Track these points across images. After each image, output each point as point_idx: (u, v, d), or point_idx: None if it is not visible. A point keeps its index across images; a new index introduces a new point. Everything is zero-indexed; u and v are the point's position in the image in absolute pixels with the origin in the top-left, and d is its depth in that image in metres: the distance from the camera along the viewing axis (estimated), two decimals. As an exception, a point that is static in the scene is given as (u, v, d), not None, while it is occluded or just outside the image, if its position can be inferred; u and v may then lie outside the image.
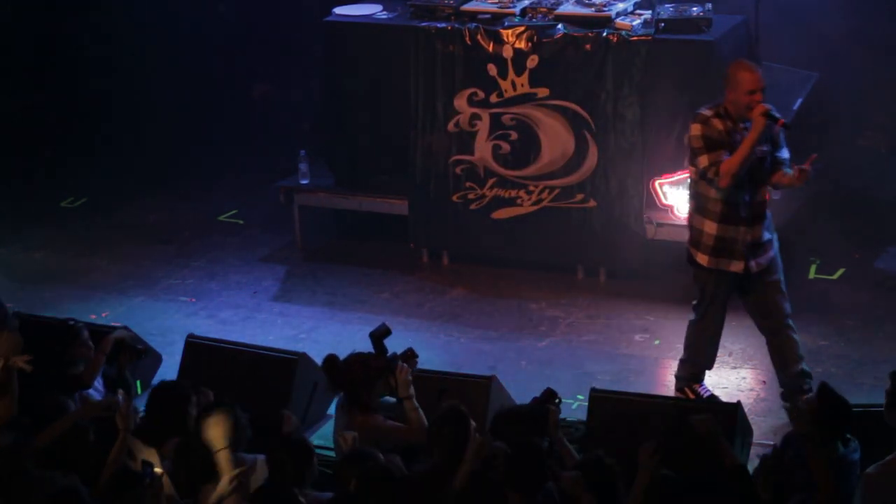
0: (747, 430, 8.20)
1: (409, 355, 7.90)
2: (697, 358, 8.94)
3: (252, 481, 6.98)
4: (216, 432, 6.94)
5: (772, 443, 8.14)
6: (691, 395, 8.82)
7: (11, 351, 7.68)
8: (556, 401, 7.60)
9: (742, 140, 8.37)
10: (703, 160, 8.44)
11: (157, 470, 6.80)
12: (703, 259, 8.65)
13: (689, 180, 8.77)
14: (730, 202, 8.52)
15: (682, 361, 9.01)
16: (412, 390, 7.75)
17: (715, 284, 8.72)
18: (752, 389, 9.26)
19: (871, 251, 10.85)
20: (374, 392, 7.73)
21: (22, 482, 6.73)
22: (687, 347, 8.97)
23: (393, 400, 7.82)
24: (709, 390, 8.95)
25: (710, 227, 8.58)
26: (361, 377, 7.71)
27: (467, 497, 6.65)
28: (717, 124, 8.46)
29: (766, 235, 8.66)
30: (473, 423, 7.07)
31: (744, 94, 8.39)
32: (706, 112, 8.52)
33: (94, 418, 7.44)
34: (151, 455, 7.08)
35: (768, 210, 8.68)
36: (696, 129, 8.49)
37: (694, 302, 8.87)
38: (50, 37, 13.69)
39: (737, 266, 8.60)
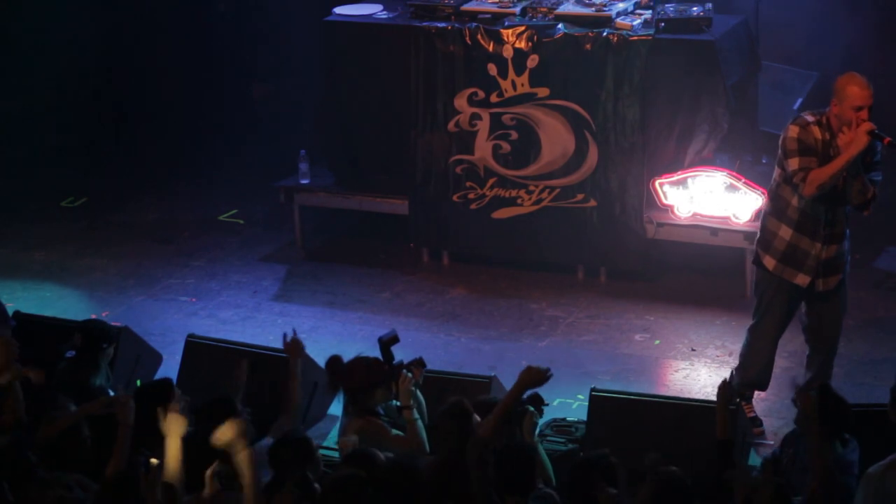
0: (748, 430, 8.20)
1: (416, 364, 7.87)
2: (747, 367, 8.74)
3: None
4: (232, 435, 6.87)
5: (772, 443, 8.16)
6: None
7: (8, 356, 7.71)
8: (543, 405, 7.56)
9: (836, 155, 8.13)
10: (794, 163, 8.15)
11: (153, 461, 6.79)
12: (769, 263, 8.43)
13: (772, 181, 8.48)
14: (808, 214, 8.30)
15: (735, 368, 8.87)
16: (416, 400, 7.76)
17: (775, 291, 8.50)
18: (752, 389, 9.26)
19: (871, 251, 10.85)
20: (374, 397, 7.72)
21: (30, 481, 6.72)
22: (741, 353, 8.82)
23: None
24: (755, 412, 8.79)
25: (785, 233, 8.35)
26: (362, 381, 7.70)
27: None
28: (816, 132, 8.16)
29: (841, 257, 8.46)
30: (477, 418, 7.09)
31: (849, 109, 8.07)
32: (808, 118, 8.23)
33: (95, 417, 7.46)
34: (179, 422, 7.02)
35: (847, 230, 8.46)
36: (793, 130, 8.20)
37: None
38: (51, 34, 13.68)
39: (802, 280, 8.38)
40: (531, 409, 7.45)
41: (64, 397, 7.72)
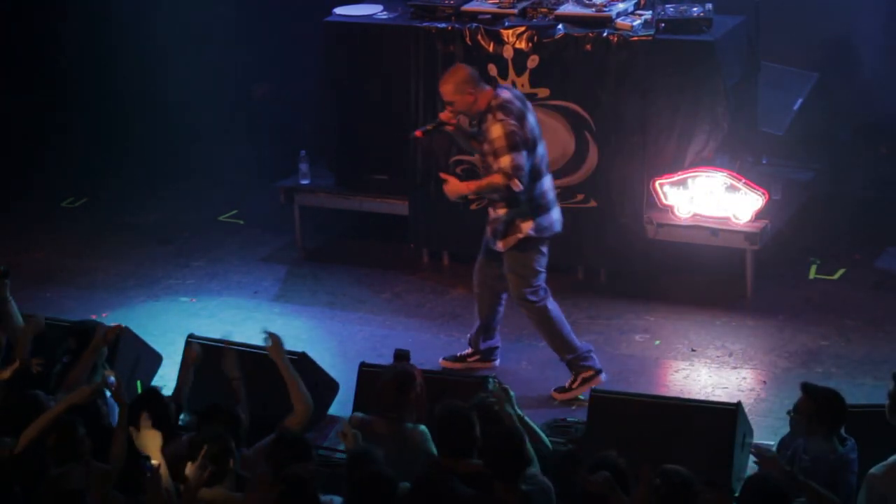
0: (748, 430, 8.21)
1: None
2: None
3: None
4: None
5: (772, 443, 8.15)
6: None
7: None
8: (494, 383, 7.66)
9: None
10: None
11: (154, 462, 6.81)
12: None
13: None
14: None
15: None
16: None
17: None
18: (752, 389, 9.27)
19: (871, 251, 10.86)
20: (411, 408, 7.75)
21: (42, 481, 6.71)
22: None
23: None
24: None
25: None
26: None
27: None
28: None
29: (491, 216, 9.19)
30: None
31: None
32: None
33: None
34: (154, 438, 7.05)
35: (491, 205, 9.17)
36: None
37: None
38: (49, 35, 13.69)
39: None
40: (494, 388, 7.63)
41: (38, 393, 7.73)
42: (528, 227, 9.03)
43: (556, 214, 9.18)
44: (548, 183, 9.13)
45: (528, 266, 9.11)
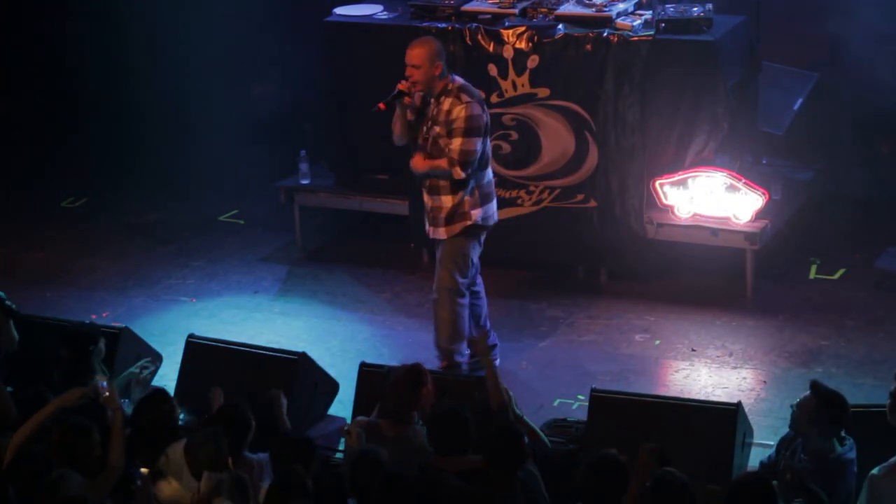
0: (748, 430, 8.21)
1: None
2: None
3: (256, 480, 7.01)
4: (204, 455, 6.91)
5: (772, 443, 8.16)
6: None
7: None
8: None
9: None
10: None
11: (144, 470, 6.80)
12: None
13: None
14: None
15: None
16: None
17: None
18: (752, 389, 9.27)
19: (871, 251, 10.86)
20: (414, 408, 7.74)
21: (40, 483, 6.69)
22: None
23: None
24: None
25: None
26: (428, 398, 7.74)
27: None
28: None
29: (433, 211, 9.16)
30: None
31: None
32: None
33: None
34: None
35: (439, 190, 9.13)
36: None
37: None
38: (50, 35, 13.68)
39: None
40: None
41: (43, 389, 7.71)
42: (476, 215, 9.14)
43: (496, 205, 9.33)
44: (491, 173, 9.29)
45: (466, 255, 9.20)
